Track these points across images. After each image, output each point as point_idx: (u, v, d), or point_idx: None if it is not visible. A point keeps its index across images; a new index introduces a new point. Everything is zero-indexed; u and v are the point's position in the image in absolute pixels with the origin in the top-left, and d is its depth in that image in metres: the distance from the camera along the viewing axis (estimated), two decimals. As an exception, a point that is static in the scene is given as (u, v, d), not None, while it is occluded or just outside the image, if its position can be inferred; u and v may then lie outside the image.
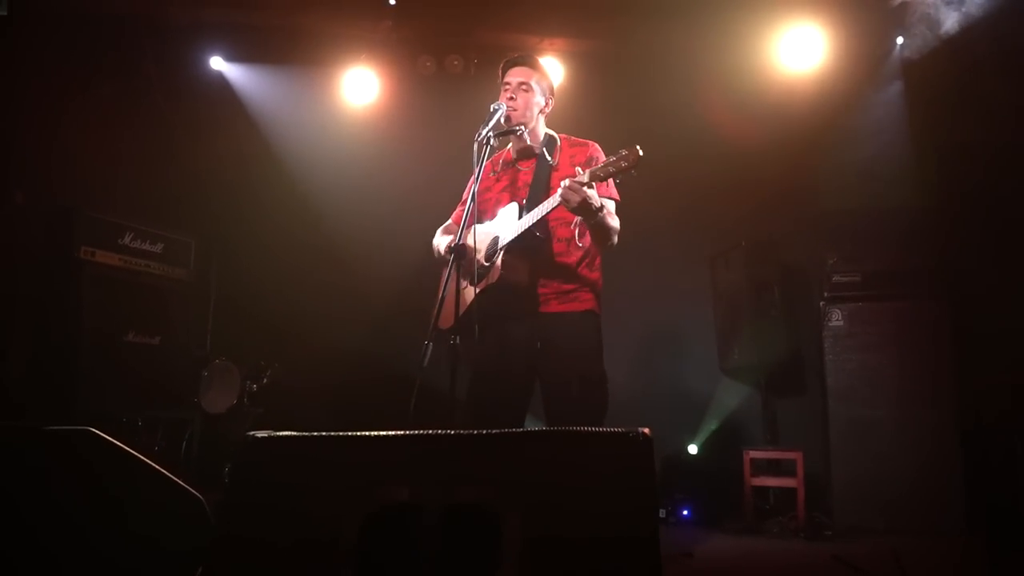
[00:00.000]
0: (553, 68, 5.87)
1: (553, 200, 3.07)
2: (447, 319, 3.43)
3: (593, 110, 5.84)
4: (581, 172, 3.00)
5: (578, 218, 3.27)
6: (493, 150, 3.31)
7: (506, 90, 3.43)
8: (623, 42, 5.75)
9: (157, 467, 2.15)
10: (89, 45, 5.39)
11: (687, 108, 5.80)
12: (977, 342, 5.06)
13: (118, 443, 2.12)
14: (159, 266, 5.29)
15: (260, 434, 1.67)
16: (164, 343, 5.22)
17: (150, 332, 5.14)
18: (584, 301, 3.33)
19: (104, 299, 4.88)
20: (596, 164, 3.36)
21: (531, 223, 3.16)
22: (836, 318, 5.34)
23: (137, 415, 4.87)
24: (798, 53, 5.61)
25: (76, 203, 4.91)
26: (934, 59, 5.32)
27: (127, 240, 5.08)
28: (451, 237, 3.54)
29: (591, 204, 2.96)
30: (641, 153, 2.85)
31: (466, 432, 1.60)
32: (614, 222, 3.22)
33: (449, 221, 3.76)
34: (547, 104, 3.51)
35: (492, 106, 3.35)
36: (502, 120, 3.30)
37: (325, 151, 6.03)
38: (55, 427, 1.99)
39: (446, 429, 1.71)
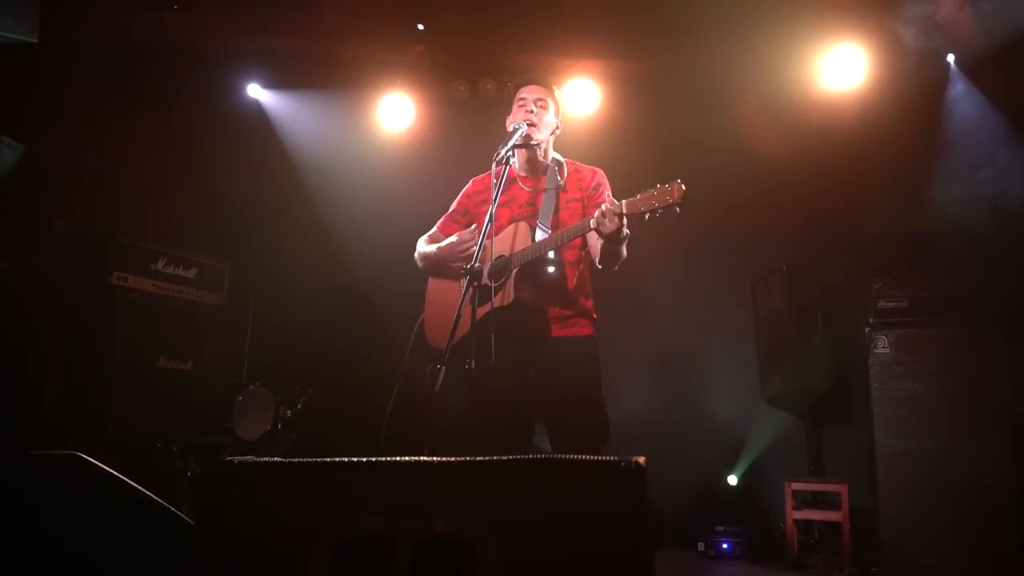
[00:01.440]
0: (589, 90, 5.83)
1: (584, 225, 3.00)
2: (439, 336, 3.35)
3: (629, 133, 5.77)
4: (616, 202, 2.89)
5: (589, 245, 3.23)
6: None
7: (522, 105, 3.38)
8: (659, 63, 5.66)
9: (148, 493, 2.10)
10: (126, 73, 5.50)
11: (726, 130, 5.68)
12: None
13: (107, 468, 2.08)
14: (192, 291, 5.32)
15: (233, 459, 1.61)
16: (196, 368, 5.24)
17: (182, 358, 5.17)
18: (583, 326, 3.29)
19: (137, 325, 4.93)
20: (603, 190, 3.31)
21: (557, 245, 3.09)
22: (882, 345, 5.13)
23: (171, 441, 4.88)
24: (841, 72, 5.45)
25: (110, 229, 4.98)
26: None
27: (160, 265, 5.13)
28: (435, 247, 3.48)
29: (621, 235, 2.88)
30: (684, 188, 2.74)
31: (445, 459, 1.52)
32: (625, 252, 3.14)
33: (434, 230, 3.69)
34: (557, 126, 3.46)
35: (512, 125, 3.31)
36: (522, 138, 3.25)
37: (360, 177, 6.04)
38: (41, 452, 1.95)
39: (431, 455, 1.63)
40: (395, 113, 6.03)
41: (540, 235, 3.17)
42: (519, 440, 3.22)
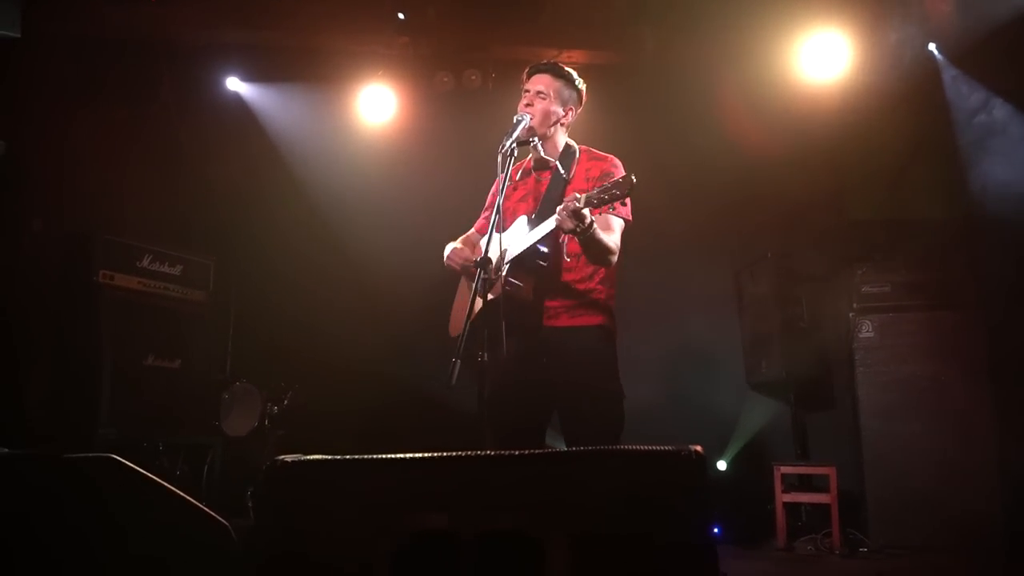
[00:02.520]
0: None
1: (549, 224, 3.00)
2: (455, 328, 3.38)
3: (614, 123, 5.78)
4: (578, 197, 2.90)
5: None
6: (515, 160, 3.25)
7: (524, 97, 3.37)
8: (642, 54, 5.68)
9: (182, 494, 2.07)
10: (104, 68, 5.38)
11: (709, 119, 5.73)
12: (1013, 351, 4.93)
13: (140, 470, 2.05)
14: (178, 288, 5.24)
15: (287, 458, 1.59)
16: (184, 367, 5.16)
17: (170, 356, 5.09)
18: (593, 316, 3.22)
19: (123, 323, 4.83)
20: (609, 180, 3.30)
21: (535, 240, 3.10)
22: (867, 330, 5.23)
23: (158, 440, 4.81)
24: (822, 62, 5.51)
25: (94, 227, 4.88)
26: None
27: (146, 263, 5.04)
28: (456, 246, 3.48)
29: (576, 228, 2.87)
30: (635, 180, 2.78)
31: (505, 453, 1.52)
32: (609, 240, 3.08)
33: (472, 231, 3.69)
34: (567, 114, 3.41)
35: (515, 117, 3.29)
36: (524, 130, 3.24)
37: (343, 169, 5.99)
38: (75, 455, 1.92)
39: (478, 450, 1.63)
40: (377, 105, 5.97)
41: (531, 229, 3.18)
42: (531, 433, 3.21)
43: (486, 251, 2.97)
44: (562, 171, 3.33)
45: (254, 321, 6.04)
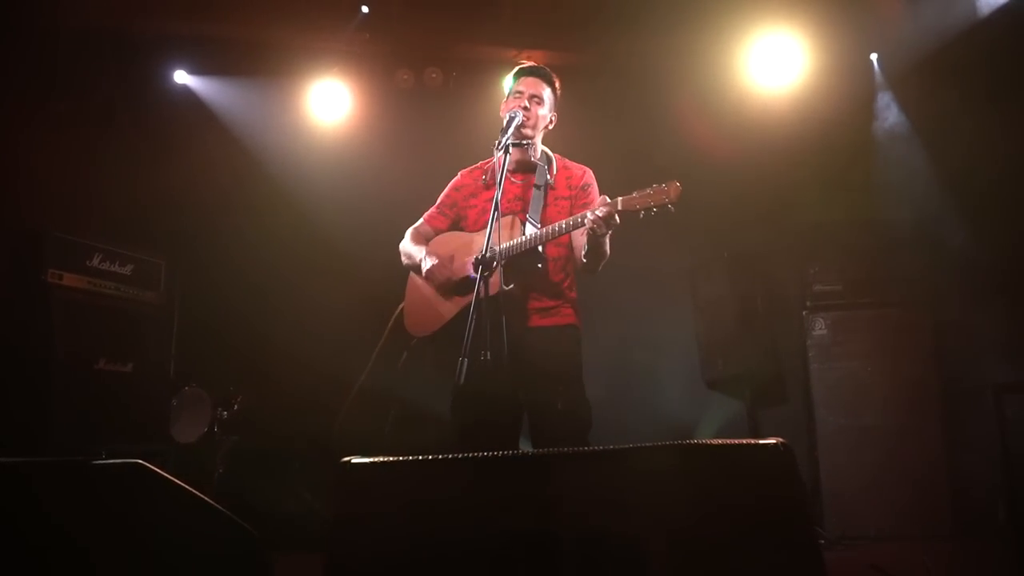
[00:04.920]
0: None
1: (577, 222, 3.00)
2: (426, 327, 3.32)
3: (571, 124, 5.80)
4: (614, 202, 2.92)
5: (574, 244, 3.28)
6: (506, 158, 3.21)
7: (518, 98, 3.35)
8: (601, 55, 5.73)
9: (210, 501, 1.99)
10: (45, 59, 5.09)
11: (664, 120, 5.81)
12: (958, 346, 5.16)
13: (169, 476, 1.96)
14: (129, 289, 4.98)
15: (357, 460, 1.52)
16: (137, 370, 4.92)
17: (122, 359, 4.84)
18: (565, 315, 3.30)
19: (74, 325, 4.57)
20: (592, 191, 3.34)
21: (543, 240, 3.09)
22: (819, 327, 5.38)
23: (111, 447, 4.57)
24: (776, 66, 5.67)
25: (42, 224, 4.60)
26: (912, 72, 5.44)
27: (96, 262, 4.77)
28: (418, 253, 3.42)
29: (611, 231, 2.92)
30: (681, 188, 2.81)
31: (596, 449, 1.49)
32: (608, 250, 3.18)
33: (421, 222, 3.62)
34: (551, 121, 3.46)
35: (508, 114, 3.27)
36: (518, 129, 3.22)
37: (298, 167, 5.83)
38: (104, 461, 1.81)
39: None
40: (331, 102, 5.83)
41: (530, 230, 3.17)
42: (506, 433, 3.20)
43: (485, 251, 2.94)
44: (549, 177, 3.34)
45: (202, 322, 5.80)
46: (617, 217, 2.88)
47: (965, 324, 5.12)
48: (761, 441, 1.45)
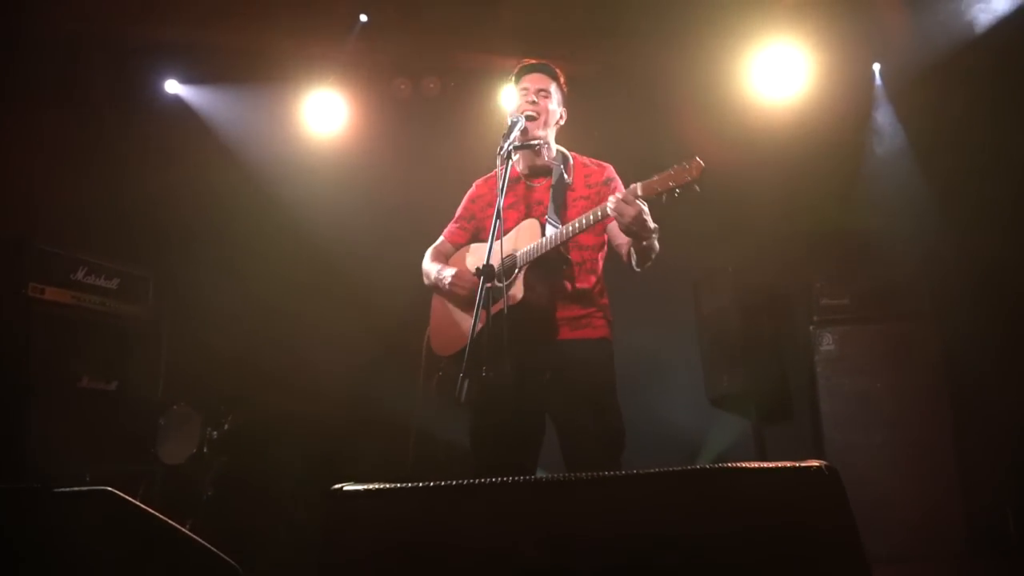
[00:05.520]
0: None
1: (597, 213, 2.83)
2: (452, 346, 3.17)
3: (570, 133, 5.67)
4: (635, 186, 2.78)
5: (615, 244, 3.13)
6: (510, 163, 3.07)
7: (524, 94, 3.20)
8: (602, 66, 5.61)
9: (186, 531, 1.82)
10: (33, 66, 4.95)
11: (666, 130, 5.68)
12: (969, 360, 5.03)
13: (141, 505, 1.80)
14: (115, 304, 4.82)
15: (350, 487, 1.36)
16: (121, 389, 4.74)
17: (106, 377, 4.67)
18: (597, 328, 3.11)
19: (55, 341, 4.41)
20: (615, 185, 3.19)
21: (564, 239, 2.93)
22: (827, 342, 5.24)
23: (94, 469, 4.39)
24: (780, 77, 5.56)
25: (24, 235, 4.44)
26: (914, 83, 5.35)
27: (80, 275, 4.61)
28: (434, 270, 3.28)
29: (646, 220, 2.74)
30: (703, 165, 2.65)
31: (617, 474, 1.33)
32: (657, 242, 2.99)
33: (441, 240, 3.46)
34: (562, 117, 3.32)
35: (511, 118, 3.13)
36: (522, 133, 3.07)
37: (291, 179, 5.69)
38: (67, 488, 1.65)
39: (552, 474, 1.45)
40: (326, 112, 5.70)
41: (550, 231, 3.00)
42: (527, 452, 3.04)
43: (488, 259, 2.78)
44: (566, 176, 3.19)
45: (191, 339, 5.63)
46: (644, 205, 2.71)
47: (975, 337, 4.98)
48: (804, 464, 1.29)
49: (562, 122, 3.31)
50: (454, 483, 1.35)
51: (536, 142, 3.15)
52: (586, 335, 3.05)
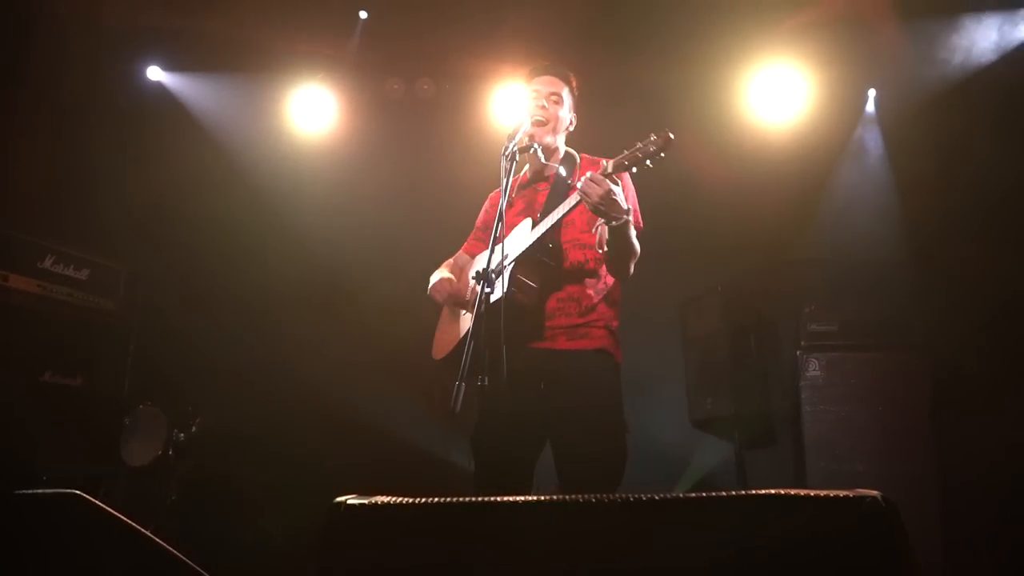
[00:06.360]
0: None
1: (571, 199, 2.76)
2: (443, 350, 3.07)
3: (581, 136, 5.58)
4: (604, 163, 2.70)
5: (594, 242, 2.94)
6: (516, 168, 2.96)
7: (535, 98, 3.10)
8: (600, 79, 5.51)
9: (155, 539, 1.68)
10: (8, 49, 4.75)
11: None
12: (955, 392, 4.99)
13: (111, 510, 1.65)
14: (84, 295, 4.59)
15: (351, 500, 1.22)
16: (87, 385, 4.52)
17: (71, 372, 4.44)
18: (596, 338, 2.93)
19: (18, 332, 4.18)
20: (621, 180, 3.08)
21: (544, 230, 2.83)
22: (813, 368, 5.17)
23: (54, 470, 4.17)
24: (775, 101, 5.53)
25: (-10, 219, 4.24)
26: (909, 111, 5.33)
27: (48, 264, 4.39)
28: (445, 274, 3.17)
29: (616, 200, 2.60)
30: (672, 136, 2.57)
31: (640, 497, 1.20)
32: (636, 243, 2.87)
33: (460, 253, 3.38)
34: (572, 123, 3.23)
35: (522, 118, 3.04)
36: (524, 138, 2.96)
37: (274, 174, 5.52)
38: (33, 491, 1.49)
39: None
40: (314, 108, 5.55)
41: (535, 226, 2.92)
42: (520, 467, 2.90)
43: (488, 263, 2.65)
44: (564, 174, 3.08)
45: (162, 336, 5.42)
46: (614, 187, 2.59)
47: (964, 374, 4.95)
48: (857, 494, 1.17)
49: (571, 128, 3.23)
50: (466, 500, 1.21)
51: (532, 147, 3.02)
52: (582, 345, 2.91)
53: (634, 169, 2.69)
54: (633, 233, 2.84)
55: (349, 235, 5.28)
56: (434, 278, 3.20)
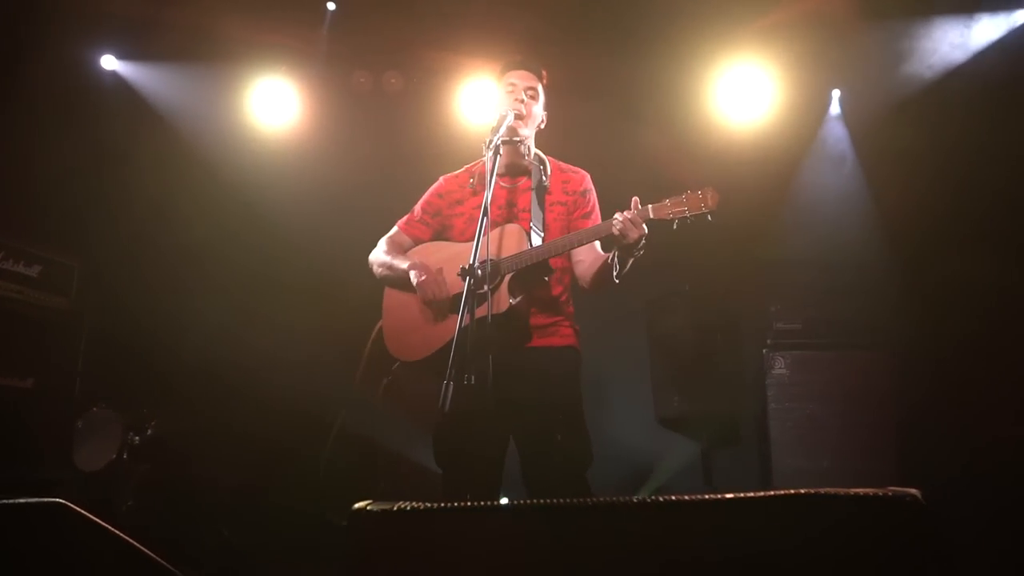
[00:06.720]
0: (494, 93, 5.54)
1: (600, 229, 2.75)
2: (421, 350, 2.98)
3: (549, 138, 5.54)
4: (646, 208, 2.70)
5: (575, 260, 3.02)
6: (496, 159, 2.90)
7: (511, 91, 3.05)
8: (567, 74, 5.46)
9: (140, 546, 1.60)
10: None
11: (624, 146, 5.59)
12: (918, 390, 5.07)
13: (94, 518, 1.56)
14: (35, 293, 4.41)
15: (371, 506, 1.15)
16: (38, 386, 4.33)
17: (21, 373, 4.25)
18: (564, 336, 3.01)
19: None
20: (591, 196, 3.09)
21: (563, 251, 2.79)
22: (779, 366, 5.21)
23: (4, 476, 3.98)
24: (742, 100, 5.55)
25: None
26: (873, 111, 5.40)
27: (-3, 260, 4.21)
28: (391, 257, 3.08)
29: (643, 243, 2.63)
30: (718, 196, 2.59)
31: (681, 499, 1.16)
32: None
33: (396, 231, 3.26)
34: (543, 120, 3.19)
35: (500, 111, 2.97)
36: (509, 128, 2.91)
37: (237, 167, 5.36)
38: (15, 500, 1.39)
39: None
40: (275, 101, 5.42)
41: (536, 239, 2.86)
42: (489, 465, 2.87)
43: (473, 260, 2.59)
44: (544, 179, 3.04)
45: (116, 335, 5.22)
46: (645, 227, 2.60)
47: (926, 375, 5.03)
48: (890, 491, 1.14)
49: (543, 125, 3.18)
50: (497, 504, 1.15)
51: (517, 139, 2.98)
52: (553, 343, 2.97)
53: (675, 225, 2.74)
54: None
55: (313, 230, 5.16)
56: (395, 263, 3.09)
